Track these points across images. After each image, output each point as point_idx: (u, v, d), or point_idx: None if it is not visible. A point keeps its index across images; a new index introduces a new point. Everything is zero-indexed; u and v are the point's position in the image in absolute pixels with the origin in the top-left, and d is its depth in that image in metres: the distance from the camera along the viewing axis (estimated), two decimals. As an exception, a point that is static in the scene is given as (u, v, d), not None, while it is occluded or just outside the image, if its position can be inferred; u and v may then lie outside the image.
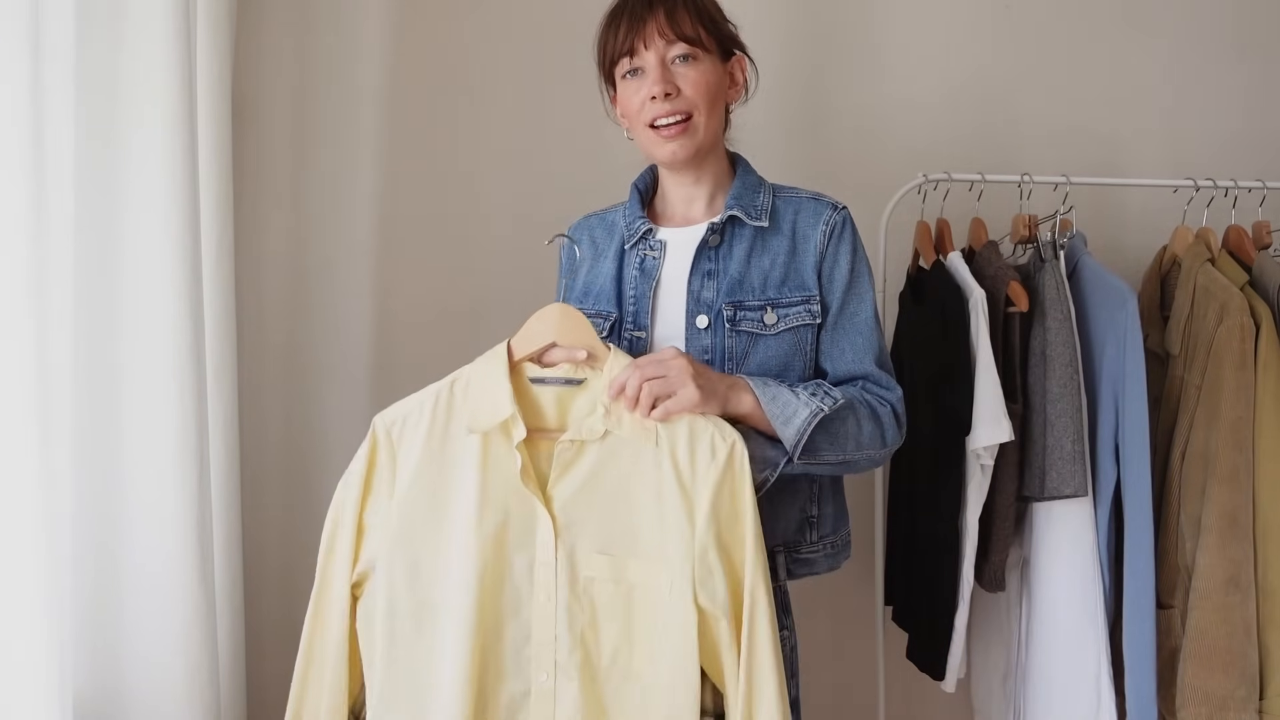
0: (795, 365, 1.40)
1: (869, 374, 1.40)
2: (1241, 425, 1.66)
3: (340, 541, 1.31)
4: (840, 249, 1.42)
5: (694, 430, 1.26)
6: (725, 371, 1.36)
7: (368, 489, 1.31)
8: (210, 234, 1.67)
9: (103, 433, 1.38)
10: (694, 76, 1.38)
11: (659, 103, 1.38)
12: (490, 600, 1.26)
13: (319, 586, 1.32)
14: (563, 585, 1.26)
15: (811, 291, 1.41)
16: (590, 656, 1.26)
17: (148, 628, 1.40)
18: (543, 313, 1.33)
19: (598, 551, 1.27)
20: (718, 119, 1.43)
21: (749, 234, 1.43)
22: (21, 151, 1.17)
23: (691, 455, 1.26)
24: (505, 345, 1.32)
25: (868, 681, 2.04)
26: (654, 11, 1.37)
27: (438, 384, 1.33)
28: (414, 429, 1.30)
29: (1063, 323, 1.72)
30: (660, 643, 1.25)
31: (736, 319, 1.39)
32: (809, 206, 1.45)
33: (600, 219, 1.55)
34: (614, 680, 1.26)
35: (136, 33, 1.37)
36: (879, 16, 2.20)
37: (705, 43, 1.38)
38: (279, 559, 2.00)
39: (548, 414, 1.32)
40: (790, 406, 1.29)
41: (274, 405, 2.01)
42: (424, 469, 1.29)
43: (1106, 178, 2.09)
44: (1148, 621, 1.66)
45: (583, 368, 1.31)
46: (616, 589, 1.26)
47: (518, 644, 1.27)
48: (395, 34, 2.06)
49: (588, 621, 1.27)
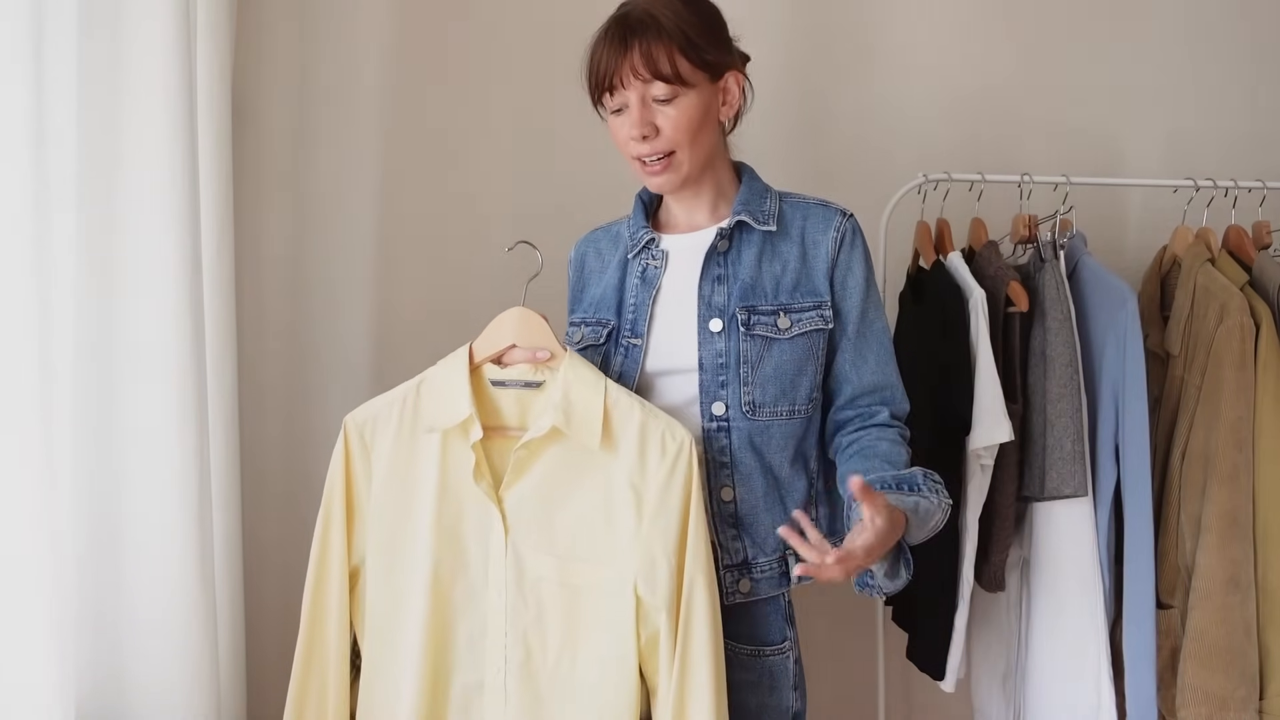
0: (808, 370, 1.40)
1: (892, 384, 1.43)
2: (1241, 425, 1.66)
3: (333, 539, 1.37)
4: (854, 257, 1.42)
5: (645, 429, 1.31)
6: (740, 375, 1.38)
7: (349, 486, 1.37)
8: (210, 234, 1.67)
9: (103, 433, 1.38)
10: (674, 115, 1.35)
11: (639, 143, 1.37)
12: (444, 594, 1.32)
13: (314, 584, 1.37)
14: (511, 583, 1.32)
15: (823, 297, 1.41)
16: (533, 654, 1.31)
17: (148, 627, 1.40)
18: (503, 316, 1.40)
19: (545, 552, 1.32)
20: (705, 144, 1.41)
21: (757, 239, 1.43)
22: (23, 151, 1.18)
23: (642, 454, 1.30)
24: (467, 347, 1.38)
25: (868, 681, 2.04)
26: (629, 50, 1.33)
27: (405, 384, 1.39)
28: (384, 428, 1.37)
29: (1063, 323, 1.72)
30: (601, 643, 1.30)
31: (751, 323, 1.39)
32: (817, 213, 1.44)
33: (605, 231, 1.56)
34: (558, 679, 1.31)
35: (137, 33, 1.37)
36: (879, 16, 2.19)
37: (686, 77, 1.34)
38: (279, 559, 1.99)
39: (507, 414, 1.37)
40: (914, 504, 1.26)
41: (274, 405, 2.01)
42: (394, 467, 1.36)
43: (1106, 178, 2.09)
44: (1148, 621, 1.66)
45: (542, 369, 1.36)
46: (561, 590, 1.31)
47: (473, 637, 1.33)
48: (395, 34, 2.06)
49: (532, 620, 1.32)
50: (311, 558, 1.38)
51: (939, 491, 1.31)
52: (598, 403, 1.32)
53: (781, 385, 1.39)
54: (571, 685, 1.31)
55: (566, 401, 1.31)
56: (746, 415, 1.38)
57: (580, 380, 1.33)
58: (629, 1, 1.38)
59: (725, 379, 1.39)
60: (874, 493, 1.21)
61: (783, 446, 1.40)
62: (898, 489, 1.27)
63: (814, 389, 1.42)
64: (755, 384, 1.39)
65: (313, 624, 1.37)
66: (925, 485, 1.30)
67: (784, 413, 1.39)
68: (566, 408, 1.31)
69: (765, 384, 1.38)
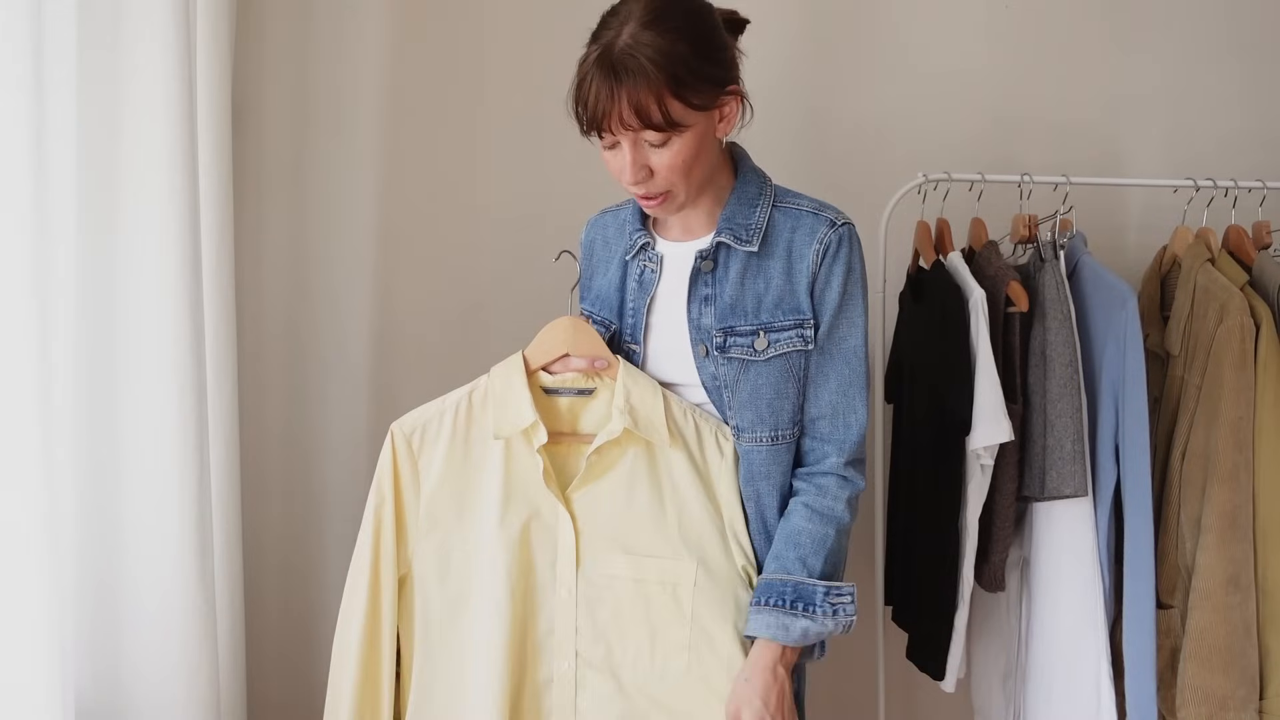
0: (788, 393, 1.38)
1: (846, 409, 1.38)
2: (1241, 425, 1.66)
3: (384, 546, 1.39)
4: (834, 270, 1.36)
5: (699, 429, 1.40)
6: (725, 399, 1.39)
7: (398, 494, 1.40)
8: (210, 234, 1.67)
9: (103, 433, 1.38)
10: (668, 158, 1.28)
11: (634, 185, 1.32)
12: (521, 592, 1.37)
13: (369, 592, 1.38)
14: (583, 581, 1.37)
15: (805, 315, 1.36)
16: (613, 650, 1.36)
17: (148, 627, 1.40)
18: (554, 325, 1.43)
19: (618, 551, 1.37)
20: (701, 173, 1.34)
21: (742, 255, 1.38)
22: (24, 152, 1.17)
23: (701, 450, 1.40)
24: (520, 356, 1.42)
25: (868, 681, 2.04)
26: (617, 99, 1.23)
27: (455, 394, 1.42)
28: (435, 436, 1.40)
29: (1063, 323, 1.72)
30: (681, 633, 1.35)
31: (727, 345, 1.37)
32: (807, 222, 1.38)
33: (614, 216, 1.53)
34: (639, 671, 1.36)
35: (137, 34, 1.37)
36: (879, 16, 2.19)
37: (680, 119, 1.25)
38: (279, 559, 2.00)
39: (561, 420, 1.42)
40: (801, 630, 1.31)
41: (274, 405, 2.01)
42: (449, 474, 1.40)
43: (1106, 178, 2.09)
44: (1148, 621, 1.66)
45: (593, 378, 1.41)
46: (636, 586, 1.36)
47: (543, 633, 1.38)
48: (395, 34, 2.06)
49: (609, 617, 1.37)
50: (359, 565, 1.39)
51: (840, 611, 1.32)
52: (659, 405, 1.38)
53: (758, 410, 1.37)
54: (657, 676, 1.35)
55: (630, 405, 1.37)
56: (734, 439, 1.40)
57: (638, 385, 1.40)
58: (612, 28, 1.26)
59: (721, 401, 1.40)
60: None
61: (767, 474, 1.38)
62: (790, 608, 1.31)
63: (798, 412, 1.39)
64: (734, 408, 1.38)
65: (370, 633, 1.38)
66: (822, 606, 1.31)
67: (765, 439, 1.37)
68: (632, 411, 1.36)
69: (742, 408, 1.37)
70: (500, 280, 2.08)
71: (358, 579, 1.39)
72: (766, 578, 1.34)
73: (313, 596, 2.00)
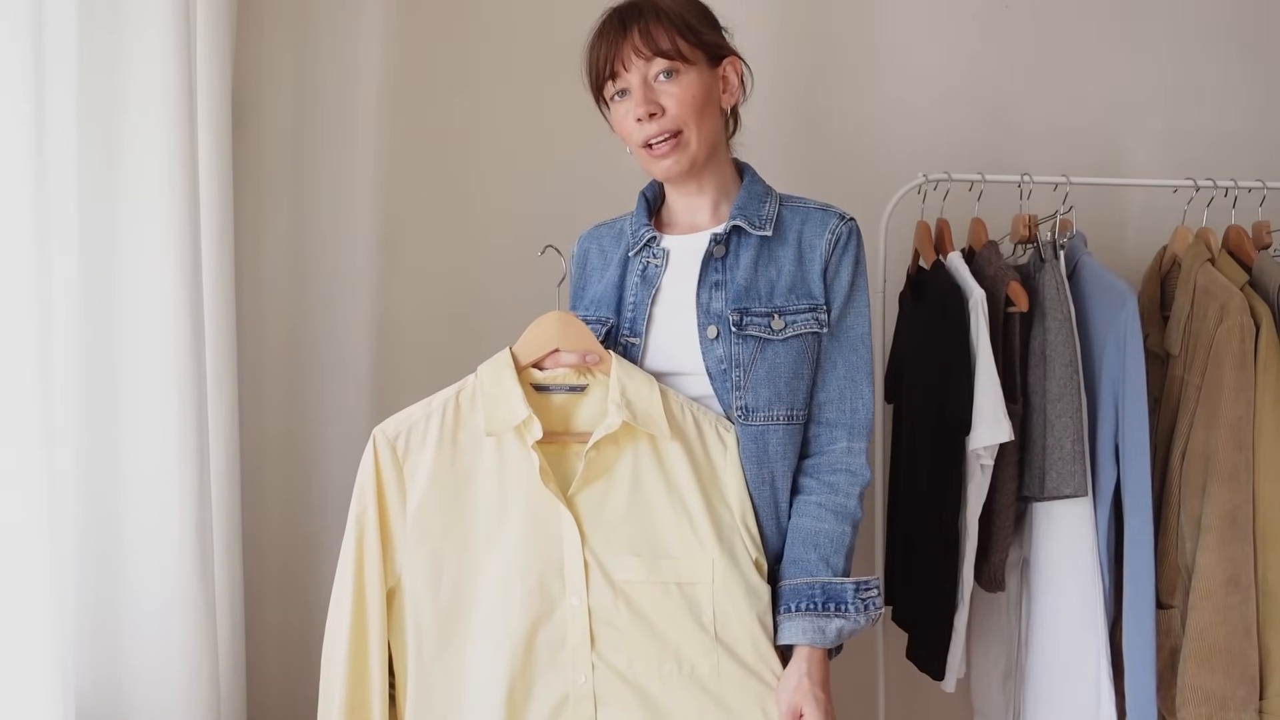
0: (804, 373, 1.39)
1: (853, 394, 1.41)
2: (1241, 425, 1.66)
3: (368, 559, 1.31)
4: (844, 260, 1.42)
5: (699, 421, 1.36)
6: (734, 380, 1.37)
7: (382, 502, 1.32)
8: (210, 234, 1.67)
9: (103, 433, 1.38)
10: (677, 92, 1.37)
11: (646, 124, 1.37)
12: (523, 602, 1.28)
13: (354, 608, 1.30)
14: (595, 587, 1.29)
15: (818, 300, 1.40)
16: (634, 660, 1.28)
17: (148, 628, 1.40)
18: (542, 320, 1.37)
19: (629, 553, 1.30)
20: (710, 127, 1.41)
21: (754, 243, 1.42)
22: (23, 152, 1.17)
23: (702, 444, 1.36)
24: (508, 352, 1.36)
25: (868, 681, 2.04)
26: (629, 31, 1.36)
27: (441, 395, 1.35)
28: (421, 440, 1.32)
29: (1063, 323, 1.72)
30: (705, 634, 1.29)
31: (743, 324, 1.38)
32: (816, 216, 1.44)
33: (610, 228, 1.55)
34: (664, 676, 1.28)
35: (137, 33, 1.37)
36: (878, 16, 2.19)
37: (686, 54, 1.37)
38: (279, 559, 1.99)
39: (553, 418, 1.35)
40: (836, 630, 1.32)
41: (274, 405, 2.01)
42: (437, 479, 1.31)
43: (1106, 178, 2.09)
44: (1148, 621, 1.66)
45: (585, 374, 1.36)
46: (653, 589, 1.30)
47: (553, 645, 1.29)
48: (395, 35, 2.06)
49: (627, 623, 1.29)
50: (343, 580, 1.31)
51: (870, 605, 1.33)
52: (656, 398, 1.34)
53: (776, 388, 1.37)
54: (685, 681, 1.28)
55: (626, 399, 1.32)
56: (742, 421, 1.37)
57: (633, 378, 1.35)
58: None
59: (728, 384, 1.39)
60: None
61: (782, 455, 1.38)
62: (823, 609, 1.31)
63: (809, 396, 1.41)
64: (748, 387, 1.37)
65: (357, 649, 1.30)
66: (854, 603, 1.32)
67: (781, 417, 1.38)
68: (629, 405, 1.31)
69: (758, 387, 1.37)
70: (500, 280, 2.08)
71: (341, 593, 1.31)
72: (792, 583, 1.32)
73: (313, 597, 2.00)
